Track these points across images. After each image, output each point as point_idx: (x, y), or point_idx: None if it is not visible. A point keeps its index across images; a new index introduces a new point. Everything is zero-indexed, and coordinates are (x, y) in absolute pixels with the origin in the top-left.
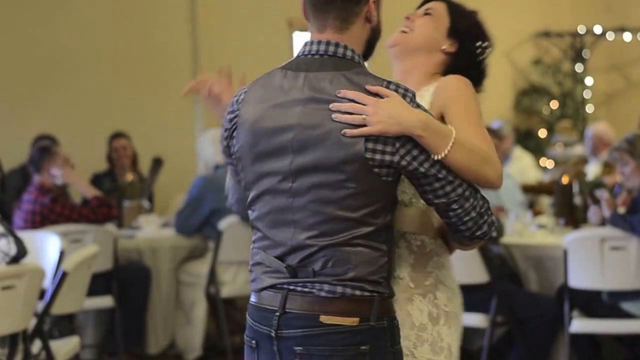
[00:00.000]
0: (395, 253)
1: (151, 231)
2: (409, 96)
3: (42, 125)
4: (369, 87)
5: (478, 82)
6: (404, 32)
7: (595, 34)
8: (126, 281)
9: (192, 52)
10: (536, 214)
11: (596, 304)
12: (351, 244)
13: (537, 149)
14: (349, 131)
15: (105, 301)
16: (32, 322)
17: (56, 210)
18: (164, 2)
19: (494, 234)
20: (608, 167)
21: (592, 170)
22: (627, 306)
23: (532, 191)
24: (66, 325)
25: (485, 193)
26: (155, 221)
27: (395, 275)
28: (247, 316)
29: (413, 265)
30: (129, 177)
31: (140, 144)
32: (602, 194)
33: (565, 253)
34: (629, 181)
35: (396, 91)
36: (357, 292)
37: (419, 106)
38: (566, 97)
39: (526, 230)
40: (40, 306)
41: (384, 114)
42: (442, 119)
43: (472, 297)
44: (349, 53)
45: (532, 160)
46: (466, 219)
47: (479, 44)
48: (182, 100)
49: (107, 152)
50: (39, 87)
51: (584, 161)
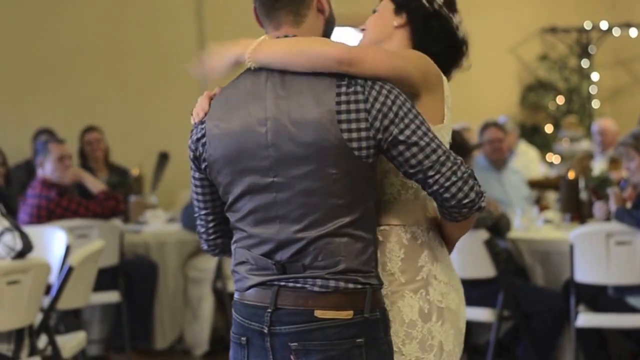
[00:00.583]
0: (387, 247)
1: (158, 226)
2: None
3: (46, 121)
4: None
5: (448, 40)
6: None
7: (601, 30)
8: (133, 276)
9: (198, 47)
10: (542, 209)
11: (602, 298)
12: (339, 234)
13: (544, 144)
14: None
15: (112, 296)
16: (38, 317)
17: (62, 204)
18: None
19: (482, 203)
20: (614, 163)
21: (599, 166)
22: (633, 301)
23: (538, 186)
24: (72, 320)
25: (490, 187)
26: (161, 216)
27: (386, 270)
28: (234, 313)
29: (403, 259)
30: (135, 171)
31: (147, 139)
32: (612, 190)
33: (572, 248)
34: (635, 176)
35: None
36: (350, 285)
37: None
38: (572, 93)
39: (532, 225)
40: (46, 301)
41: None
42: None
43: (479, 291)
44: None
45: (537, 155)
46: (447, 184)
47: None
48: (188, 95)
49: (78, 146)
50: (43, 82)
51: (590, 156)
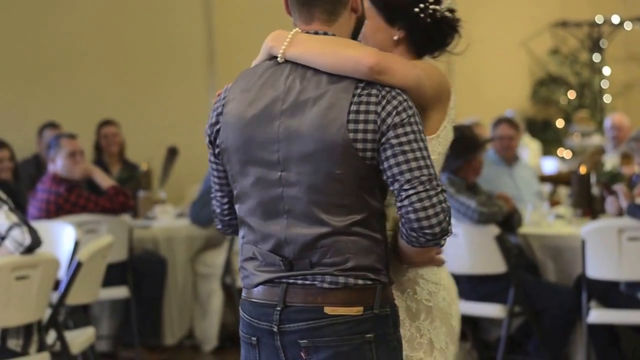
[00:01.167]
0: None
1: (167, 221)
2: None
3: (53, 116)
4: None
5: (444, 39)
6: None
7: (612, 24)
8: (141, 271)
9: (207, 41)
10: (554, 204)
11: (614, 294)
12: (348, 232)
13: (555, 139)
14: None
15: (121, 292)
16: (47, 313)
17: (71, 199)
18: None
19: (443, 241)
20: (626, 158)
21: (610, 161)
22: None
23: (550, 181)
24: (81, 315)
25: (501, 182)
26: (170, 211)
27: None
28: (242, 312)
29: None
30: (144, 166)
31: (155, 134)
32: (618, 187)
33: (583, 243)
34: None
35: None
36: (360, 282)
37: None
38: (584, 87)
39: (544, 221)
40: (55, 297)
41: None
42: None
43: (490, 287)
44: None
45: (539, 148)
46: (417, 205)
47: (417, 10)
48: (197, 90)
49: (94, 140)
50: (50, 76)
51: (601, 151)
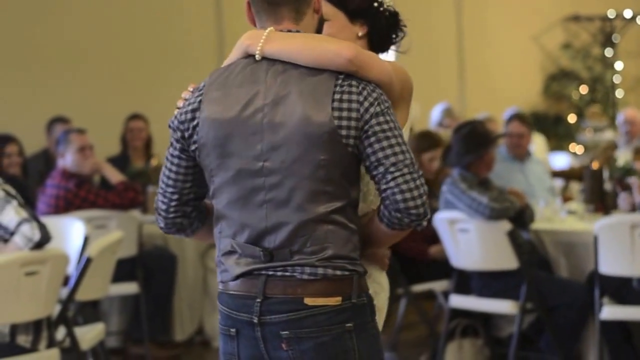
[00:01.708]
0: None
1: None
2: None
3: (62, 110)
4: None
5: (397, 34)
6: None
7: (625, 18)
8: (151, 267)
9: (217, 36)
10: (566, 200)
11: (627, 290)
12: (326, 221)
13: (567, 134)
14: None
15: (130, 287)
16: (57, 309)
17: (80, 195)
18: None
19: (424, 223)
20: (639, 153)
21: (623, 156)
22: None
23: (562, 177)
24: (91, 311)
25: (513, 178)
26: None
27: None
28: (220, 305)
29: None
30: (154, 162)
31: (166, 129)
32: (633, 180)
33: (596, 239)
34: None
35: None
36: (338, 272)
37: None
38: (596, 82)
39: (556, 216)
40: (65, 292)
41: None
42: None
43: (502, 283)
44: None
45: (545, 142)
46: (404, 187)
47: (376, 4)
48: None
49: (122, 133)
50: (59, 71)
51: (613, 146)
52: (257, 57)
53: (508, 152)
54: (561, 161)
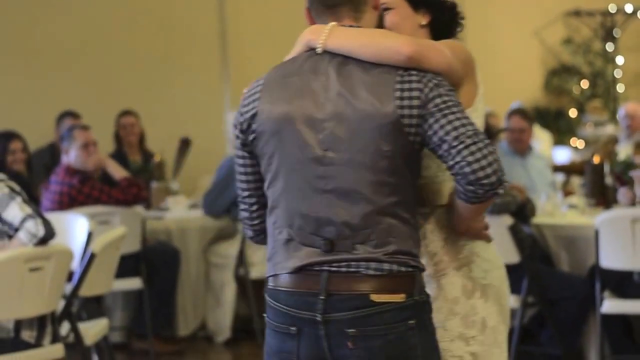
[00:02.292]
0: (427, 229)
1: (179, 212)
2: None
3: (69, 106)
4: None
5: (457, 24)
6: None
7: (626, 13)
8: (155, 263)
9: (220, 32)
10: (567, 194)
11: (628, 284)
12: (388, 214)
13: (568, 129)
14: None
15: (134, 283)
16: (61, 304)
17: (84, 191)
18: None
19: (501, 190)
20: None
21: (624, 150)
22: None
23: (563, 171)
24: (94, 307)
25: (515, 173)
26: (183, 202)
27: (428, 251)
28: (274, 301)
29: (445, 239)
30: (157, 157)
31: (168, 124)
32: (634, 173)
33: (597, 233)
34: None
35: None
36: (402, 269)
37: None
38: (597, 77)
39: (557, 211)
40: (69, 288)
41: None
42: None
43: None
44: None
45: (550, 138)
46: (470, 158)
47: None
48: (211, 80)
49: (114, 130)
50: (65, 66)
51: (614, 141)
52: (319, 50)
53: (509, 147)
54: (562, 156)
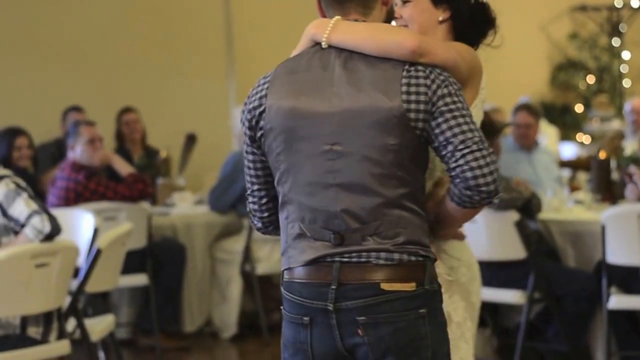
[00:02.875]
0: None
1: (185, 208)
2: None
3: (74, 101)
4: None
5: (487, 25)
6: None
7: (632, 8)
8: (161, 259)
9: (226, 27)
10: (573, 189)
11: (634, 280)
12: (397, 205)
13: (574, 124)
14: None
15: (140, 279)
16: (67, 301)
17: (90, 187)
18: None
19: (495, 200)
20: None
21: (630, 145)
22: None
23: (569, 166)
24: (100, 303)
25: (520, 168)
26: (189, 198)
27: None
28: (289, 293)
29: None
30: (163, 153)
31: (174, 120)
32: (634, 169)
33: (603, 229)
34: None
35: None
36: (413, 258)
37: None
38: (603, 72)
39: (563, 206)
40: (75, 284)
41: None
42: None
43: (510, 273)
44: None
45: (557, 133)
46: (474, 164)
47: None
48: (216, 77)
49: (115, 128)
50: (71, 62)
51: (621, 136)
52: (324, 44)
53: (515, 142)
54: (568, 151)
